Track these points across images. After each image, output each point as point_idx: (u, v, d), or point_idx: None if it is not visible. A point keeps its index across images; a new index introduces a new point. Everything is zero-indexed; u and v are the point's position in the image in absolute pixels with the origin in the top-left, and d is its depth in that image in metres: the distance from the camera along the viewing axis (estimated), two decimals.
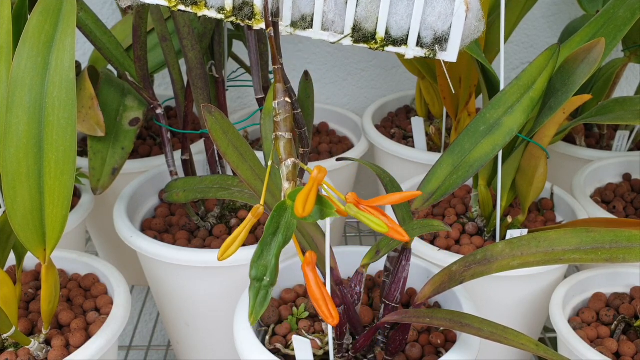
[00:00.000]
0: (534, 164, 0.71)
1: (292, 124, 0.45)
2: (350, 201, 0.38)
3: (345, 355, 0.60)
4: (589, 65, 0.63)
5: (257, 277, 0.39)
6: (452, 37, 0.49)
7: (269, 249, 0.39)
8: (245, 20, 0.50)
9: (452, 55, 0.50)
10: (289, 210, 0.39)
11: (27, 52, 0.52)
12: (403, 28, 0.49)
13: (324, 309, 0.37)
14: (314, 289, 0.37)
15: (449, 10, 0.48)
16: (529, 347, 0.49)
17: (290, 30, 0.50)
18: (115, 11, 1.09)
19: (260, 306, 0.39)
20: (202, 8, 0.50)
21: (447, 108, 0.89)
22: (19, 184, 0.53)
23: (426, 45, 0.49)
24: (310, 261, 0.37)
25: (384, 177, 0.65)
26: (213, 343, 0.79)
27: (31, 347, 0.60)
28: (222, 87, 0.83)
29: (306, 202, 0.36)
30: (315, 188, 0.36)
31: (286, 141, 0.43)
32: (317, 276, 0.37)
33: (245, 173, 0.53)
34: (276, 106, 0.44)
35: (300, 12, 0.49)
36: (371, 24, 0.49)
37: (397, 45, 0.50)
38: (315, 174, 0.36)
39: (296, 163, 0.43)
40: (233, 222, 0.81)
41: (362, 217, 0.38)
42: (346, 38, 0.50)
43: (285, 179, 0.42)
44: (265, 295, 0.39)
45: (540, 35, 1.16)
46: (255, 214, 0.41)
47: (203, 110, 0.52)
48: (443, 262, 0.69)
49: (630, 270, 0.73)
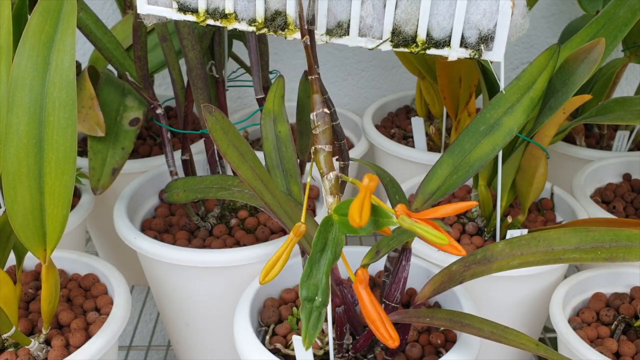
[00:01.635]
0: (534, 164, 0.71)
1: (331, 136, 0.43)
2: (401, 213, 0.36)
3: (345, 355, 0.60)
4: (589, 66, 0.63)
5: (309, 298, 0.36)
6: (498, 35, 0.47)
7: (318, 266, 0.36)
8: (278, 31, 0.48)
9: (498, 55, 0.48)
10: (336, 225, 0.37)
11: (28, 52, 0.52)
12: (445, 29, 0.47)
13: (382, 330, 0.35)
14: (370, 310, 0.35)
15: (494, 7, 0.46)
16: (529, 346, 0.49)
17: (325, 39, 0.48)
18: (115, 11, 1.09)
19: (314, 329, 0.36)
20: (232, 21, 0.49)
21: (447, 108, 0.89)
22: (19, 184, 0.53)
23: (470, 46, 0.48)
24: (363, 279, 0.36)
25: (384, 177, 0.65)
26: (213, 343, 0.79)
27: (31, 347, 0.60)
28: (222, 87, 0.83)
29: (362, 212, 0.33)
30: (369, 197, 0.34)
31: (326, 154, 0.42)
32: (372, 296, 0.35)
33: (245, 173, 0.53)
34: (314, 118, 0.42)
35: (335, 18, 0.47)
36: (411, 26, 0.47)
37: (439, 47, 0.48)
38: (366, 182, 0.34)
39: (339, 176, 0.41)
40: (233, 222, 0.81)
41: (418, 229, 0.35)
42: (385, 43, 0.48)
43: (328, 193, 0.40)
44: (318, 316, 0.36)
45: (540, 35, 1.16)
46: (297, 233, 0.39)
47: (203, 110, 0.52)
48: (443, 262, 0.69)
49: (630, 270, 0.73)
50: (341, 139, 0.47)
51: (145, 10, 0.58)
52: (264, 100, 0.79)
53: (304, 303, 0.37)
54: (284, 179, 0.63)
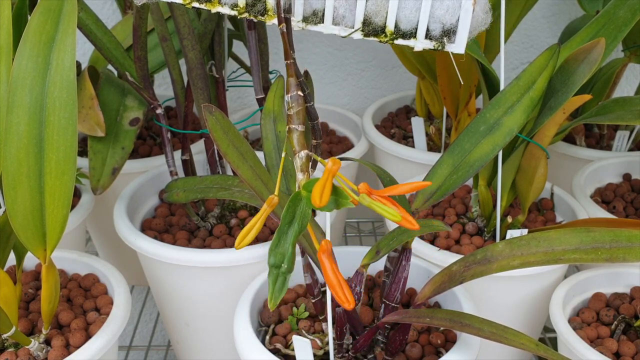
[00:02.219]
0: (534, 164, 0.71)
1: (304, 117, 0.46)
2: (362, 191, 0.39)
3: (345, 355, 0.60)
4: (589, 66, 0.63)
5: (275, 264, 0.40)
6: (460, 29, 0.50)
7: (286, 237, 0.40)
8: (258, 16, 0.51)
9: (460, 47, 0.51)
10: (304, 200, 0.40)
11: (28, 52, 0.52)
12: (412, 21, 0.50)
13: (340, 293, 0.38)
14: (330, 274, 0.38)
15: (457, 3, 0.49)
16: (529, 346, 0.49)
17: (301, 25, 0.51)
18: (115, 11, 1.09)
19: (279, 292, 0.40)
20: (215, 5, 0.51)
21: (447, 108, 0.89)
22: (20, 184, 0.53)
23: (435, 38, 0.51)
24: (326, 249, 0.39)
25: (384, 177, 0.65)
26: (213, 343, 0.79)
27: (31, 347, 0.60)
28: (222, 87, 0.83)
29: (322, 193, 0.37)
30: (331, 179, 0.37)
31: (299, 133, 0.45)
32: (333, 262, 0.39)
33: (245, 173, 0.53)
34: (289, 99, 0.46)
35: (311, 7, 0.50)
36: (381, 17, 0.50)
37: (406, 38, 0.51)
38: (330, 165, 0.37)
39: (309, 155, 0.44)
40: (233, 222, 0.81)
41: (375, 207, 0.39)
42: (356, 32, 0.51)
43: (299, 170, 0.43)
44: (284, 281, 0.40)
45: (540, 35, 1.16)
46: (270, 204, 0.42)
47: (203, 110, 0.52)
48: (443, 262, 0.69)
49: (630, 270, 0.73)
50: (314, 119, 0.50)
51: None
52: (264, 100, 0.79)
53: (271, 269, 0.40)
54: (284, 179, 0.63)
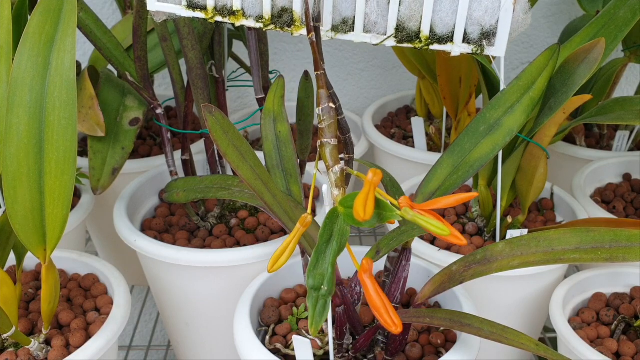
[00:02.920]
0: (534, 164, 0.71)
1: (336, 130, 0.44)
2: (404, 205, 0.37)
3: (345, 355, 0.60)
4: (589, 66, 0.63)
5: (315, 287, 0.38)
6: (500, 31, 0.48)
7: (324, 257, 0.38)
8: (284, 27, 0.49)
9: (500, 50, 0.49)
10: (342, 217, 0.38)
11: (28, 52, 0.52)
12: (448, 25, 0.48)
13: (386, 317, 0.36)
14: (374, 297, 0.36)
15: (497, 4, 0.47)
16: (529, 346, 0.49)
17: (331, 35, 0.49)
18: (116, 11, 1.09)
19: (320, 316, 0.38)
20: (240, 18, 0.50)
21: (447, 108, 0.89)
22: (20, 184, 0.53)
23: (473, 41, 0.49)
24: (368, 269, 0.37)
25: (384, 177, 0.65)
26: (213, 343, 0.79)
27: (31, 347, 0.60)
28: (222, 87, 0.83)
29: (366, 206, 0.34)
30: (373, 191, 0.35)
31: (332, 147, 0.43)
32: (376, 284, 0.36)
33: (245, 173, 0.53)
34: (320, 112, 0.44)
35: (341, 15, 0.48)
36: (415, 22, 0.48)
37: (442, 43, 0.49)
38: (371, 177, 0.35)
39: (344, 169, 0.42)
40: (233, 222, 0.81)
41: (421, 221, 0.36)
42: (389, 39, 0.49)
43: (334, 186, 0.41)
44: (324, 304, 0.38)
45: (540, 35, 1.16)
46: (303, 224, 0.40)
47: (203, 110, 0.52)
48: (443, 262, 0.69)
49: (630, 270, 0.73)
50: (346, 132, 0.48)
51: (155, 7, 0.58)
52: (264, 100, 0.79)
53: (311, 292, 0.38)
54: (284, 179, 0.63)
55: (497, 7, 0.47)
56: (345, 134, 0.49)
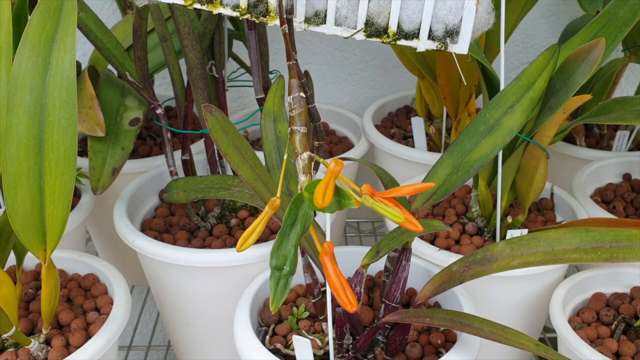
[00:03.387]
0: (534, 164, 0.71)
1: (307, 118, 0.46)
2: (365, 192, 0.39)
3: (345, 355, 0.60)
4: (589, 65, 0.63)
5: (277, 267, 0.40)
6: (463, 29, 0.50)
7: (288, 239, 0.40)
8: (259, 17, 0.51)
9: (463, 48, 0.51)
10: (306, 201, 0.40)
11: (28, 52, 0.52)
12: (415, 22, 0.50)
13: (343, 296, 0.37)
14: (333, 277, 0.38)
15: (460, 4, 0.49)
16: (529, 346, 0.49)
17: (304, 26, 0.51)
18: (115, 11, 1.09)
19: (281, 294, 0.40)
20: (217, 6, 0.51)
21: (447, 108, 0.89)
22: (20, 184, 0.53)
23: (437, 38, 0.51)
24: (329, 251, 0.39)
25: (384, 177, 0.65)
26: (213, 343, 0.79)
27: (31, 347, 0.60)
28: (222, 87, 0.83)
29: (325, 194, 0.37)
30: (334, 180, 0.37)
31: (301, 135, 0.45)
32: (336, 265, 0.38)
33: (245, 173, 0.53)
34: (291, 101, 0.45)
35: (313, 8, 0.50)
36: (383, 18, 0.50)
37: (409, 38, 0.51)
38: (333, 166, 0.37)
39: (312, 156, 0.44)
40: (233, 222, 0.81)
41: (378, 208, 0.38)
42: (359, 33, 0.51)
43: (301, 172, 0.43)
44: (285, 283, 0.40)
45: (540, 35, 1.16)
46: (272, 206, 0.42)
47: (204, 110, 0.52)
48: (443, 262, 0.69)
49: (630, 270, 0.73)
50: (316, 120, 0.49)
51: None
52: (264, 100, 0.79)
53: (273, 271, 0.40)
54: (285, 180, 0.63)
55: (460, 7, 0.50)
56: (316, 121, 0.50)
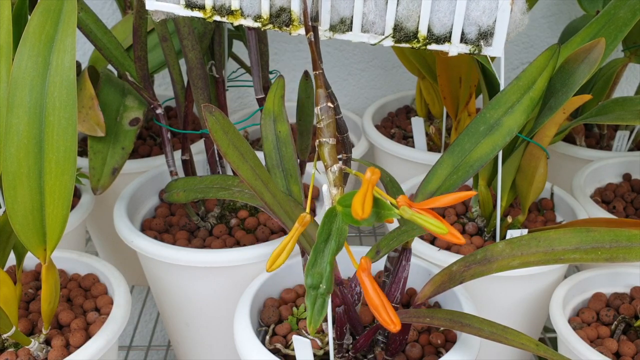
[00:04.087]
0: (534, 164, 0.71)
1: (335, 130, 0.44)
2: (402, 203, 0.37)
3: (345, 355, 0.60)
4: (589, 66, 0.63)
5: (313, 285, 0.38)
6: (498, 31, 0.48)
7: (322, 255, 0.38)
8: (282, 27, 0.50)
9: (498, 50, 0.49)
10: (339, 215, 0.38)
11: (28, 52, 0.52)
12: (446, 25, 0.48)
13: (385, 316, 0.36)
14: (373, 296, 0.36)
15: (494, 4, 0.47)
16: (529, 346, 0.49)
17: (329, 34, 0.50)
18: (116, 11, 1.09)
19: (319, 314, 0.38)
20: (238, 17, 0.50)
21: (447, 108, 0.89)
22: (20, 184, 0.53)
23: (470, 41, 0.49)
24: (366, 268, 0.37)
25: (384, 177, 0.65)
26: (213, 343, 0.79)
27: (31, 347, 0.60)
28: (222, 87, 0.83)
29: (364, 204, 0.34)
30: (371, 190, 0.35)
31: (330, 147, 0.43)
32: (374, 282, 0.37)
33: (245, 173, 0.53)
34: (319, 112, 0.44)
35: (339, 15, 0.48)
36: (413, 22, 0.48)
37: (440, 42, 0.49)
38: (369, 175, 0.35)
39: (342, 168, 0.42)
40: (233, 222, 0.81)
41: (418, 219, 0.36)
42: (387, 39, 0.49)
43: (332, 185, 0.42)
44: (322, 303, 0.38)
45: (540, 35, 1.16)
46: (302, 223, 0.40)
47: (204, 110, 0.52)
48: (443, 262, 0.69)
49: (630, 270, 0.73)
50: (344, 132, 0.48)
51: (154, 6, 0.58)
52: (264, 100, 0.79)
53: (309, 290, 0.38)
54: (284, 179, 0.63)
55: (494, 8, 0.48)
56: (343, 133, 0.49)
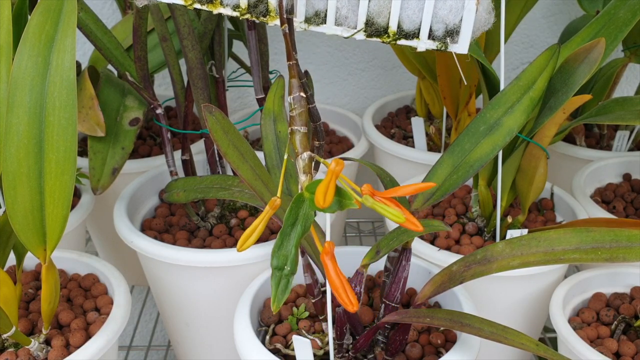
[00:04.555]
0: (534, 164, 0.71)
1: (307, 118, 0.45)
2: (365, 192, 0.39)
3: (345, 355, 0.60)
4: (589, 65, 0.63)
5: (278, 267, 0.40)
6: (463, 29, 0.50)
7: (289, 239, 0.40)
8: (260, 17, 0.51)
9: (463, 47, 0.51)
10: (307, 201, 0.40)
11: (28, 52, 0.52)
12: (415, 22, 0.50)
13: (344, 296, 0.37)
14: (334, 277, 0.38)
15: (460, 3, 0.49)
16: (529, 346, 0.49)
17: (304, 26, 0.51)
18: (115, 11, 1.09)
19: (282, 294, 0.40)
20: (217, 6, 0.51)
21: (447, 108, 0.89)
22: (20, 184, 0.53)
23: (438, 38, 0.51)
24: (329, 250, 0.38)
25: (384, 177, 0.65)
26: (213, 343, 0.79)
27: (31, 347, 0.60)
28: (222, 87, 0.83)
29: (326, 194, 0.37)
30: (334, 180, 0.37)
31: (302, 135, 0.44)
32: (336, 265, 0.38)
33: (245, 173, 0.53)
34: (291, 101, 0.45)
35: (314, 8, 0.50)
36: (383, 18, 0.50)
37: (409, 38, 0.51)
38: (333, 166, 0.37)
39: (312, 156, 0.43)
40: (233, 222, 0.81)
41: (379, 208, 0.38)
42: (359, 32, 0.51)
43: (301, 172, 0.43)
44: (287, 283, 0.40)
45: (540, 35, 1.16)
46: (272, 206, 0.42)
47: (203, 110, 0.52)
48: (443, 262, 0.69)
49: (630, 270, 0.73)
50: (317, 120, 0.49)
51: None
52: (264, 100, 0.79)
53: (274, 271, 0.40)
54: (285, 180, 0.63)
55: (460, 7, 0.50)
56: (316, 121, 0.50)
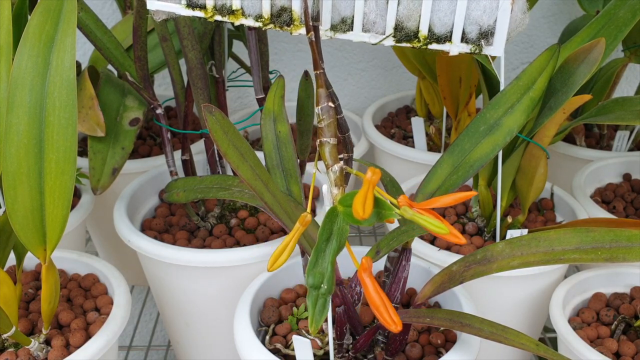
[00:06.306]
0: (534, 164, 0.71)
1: (336, 129, 0.44)
2: (403, 203, 0.37)
3: (346, 355, 0.60)
4: (589, 66, 0.63)
5: (315, 285, 0.38)
6: (498, 30, 0.48)
7: (324, 255, 0.38)
8: (283, 26, 0.50)
9: (498, 50, 0.49)
10: (341, 215, 0.38)
11: (28, 52, 0.52)
12: (447, 24, 0.48)
13: (385, 316, 0.36)
14: (373, 295, 0.36)
15: (494, 4, 0.47)
16: (529, 346, 0.49)
17: (330, 34, 0.49)
18: (115, 11, 1.09)
19: (320, 314, 0.38)
20: (239, 17, 0.50)
21: (447, 108, 0.89)
22: (19, 184, 0.53)
23: (471, 41, 0.49)
24: (367, 267, 0.37)
25: (384, 177, 0.65)
26: (213, 343, 0.79)
27: (31, 347, 0.60)
28: (222, 87, 0.83)
29: (364, 204, 0.34)
30: (372, 190, 0.35)
31: (331, 147, 0.43)
32: (375, 282, 0.36)
33: (245, 173, 0.53)
34: (319, 111, 0.44)
35: (340, 14, 0.48)
36: (413, 22, 0.48)
37: (440, 42, 0.49)
38: (370, 175, 0.35)
39: (343, 168, 0.42)
40: (233, 222, 0.81)
41: (419, 219, 0.36)
42: (388, 38, 0.49)
43: (333, 185, 0.41)
44: (324, 303, 0.38)
45: (540, 35, 1.16)
46: (303, 223, 0.40)
47: (203, 110, 0.52)
48: (443, 262, 0.69)
49: (630, 270, 0.73)
50: (345, 131, 0.48)
51: (155, 6, 0.58)
52: (264, 100, 0.79)
53: (311, 290, 0.38)
54: (284, 179, 0.63)
55: (495, 7, 0.48)
56: (344, 132, 0.49)
